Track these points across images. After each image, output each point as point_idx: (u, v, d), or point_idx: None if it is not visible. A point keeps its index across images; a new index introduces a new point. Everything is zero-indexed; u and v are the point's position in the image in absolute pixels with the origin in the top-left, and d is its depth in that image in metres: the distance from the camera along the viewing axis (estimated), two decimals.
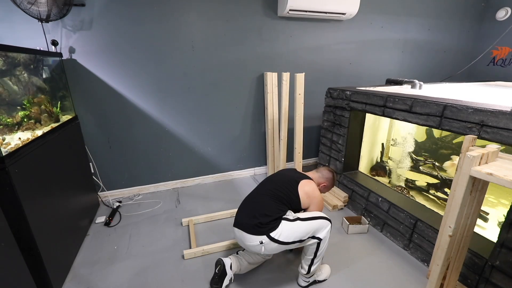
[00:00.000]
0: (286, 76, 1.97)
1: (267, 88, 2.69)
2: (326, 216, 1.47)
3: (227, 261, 1.49)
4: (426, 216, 1.77)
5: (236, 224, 1.45)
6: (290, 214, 1.45)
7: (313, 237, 1.41)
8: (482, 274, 1.38)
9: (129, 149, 2.49)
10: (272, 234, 1.34)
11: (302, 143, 2.31)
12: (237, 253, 1.59)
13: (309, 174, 1.68)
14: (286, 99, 2.02)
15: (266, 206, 1.42)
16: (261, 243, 1.35)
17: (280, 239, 1.36)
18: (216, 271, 1.48)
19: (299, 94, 1.74)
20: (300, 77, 1.69)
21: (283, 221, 1.39)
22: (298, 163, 1.93)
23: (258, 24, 2.55)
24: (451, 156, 2.25)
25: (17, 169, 1.27)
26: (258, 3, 2.49)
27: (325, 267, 1.64)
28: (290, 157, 2.87)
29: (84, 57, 2.14)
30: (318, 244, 1.43)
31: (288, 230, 1.37)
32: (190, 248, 1.85)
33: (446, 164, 2.23)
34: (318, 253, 1.45)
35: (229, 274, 1.47)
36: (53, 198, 1.59)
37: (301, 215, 1.46)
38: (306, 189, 1.52)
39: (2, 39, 1.89)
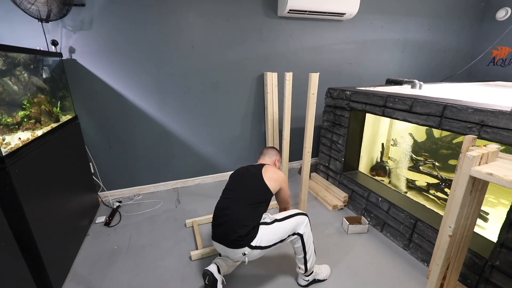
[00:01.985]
0: (289, 76, 1.98)
1: (267, 88, 2.70)
2: (302, 212, 1.50)
3: (213, 268, 1.45)
4: (426, 216, 1.77)
5: (216, 239, 1.43)
6: (267, 217, 1.45)
7: (293, 234, 1.43)
8: (482, 274, 1.38)
9: (129, 149, 2.49)
10: (253, 243, 1.34)
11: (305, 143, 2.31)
12: (219, 255, 1.59)
13: (260, 162, 1.73)
14: (289, 98, 2.02)
15: (242, 216, 1.38)
16: (244, 254, 1.35)
17: (262, 245, 1.36)
18: (206, 282, 1.43)
19: (313, 94, 1.76)
20: (315, 77, 1.72)
21: (261, 227, 1.39)
22: (306, 162, 1.95)
23: (258, 24, 2.55)
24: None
25: (17, 169, 1.27)
26: (258, 3, 2.49)
27: (325, 267, 1.64)
28: (290, 156, 2.87)
29: (84, 57, 2.14)
30: (302, 240, 1.45)
31: (268, 234, 1.38)
32: (197, 249, 1.85)
33: None
34: (306, 249, 1.46)
35: (219, 278, 1.43)
36: (53, 198, 1.59)
37: (278, 216, 1.47)
38: (269, 174, 1.54)
39: (2, 39, 1.89)
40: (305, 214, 1.50)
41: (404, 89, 2.27)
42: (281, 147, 2.30)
